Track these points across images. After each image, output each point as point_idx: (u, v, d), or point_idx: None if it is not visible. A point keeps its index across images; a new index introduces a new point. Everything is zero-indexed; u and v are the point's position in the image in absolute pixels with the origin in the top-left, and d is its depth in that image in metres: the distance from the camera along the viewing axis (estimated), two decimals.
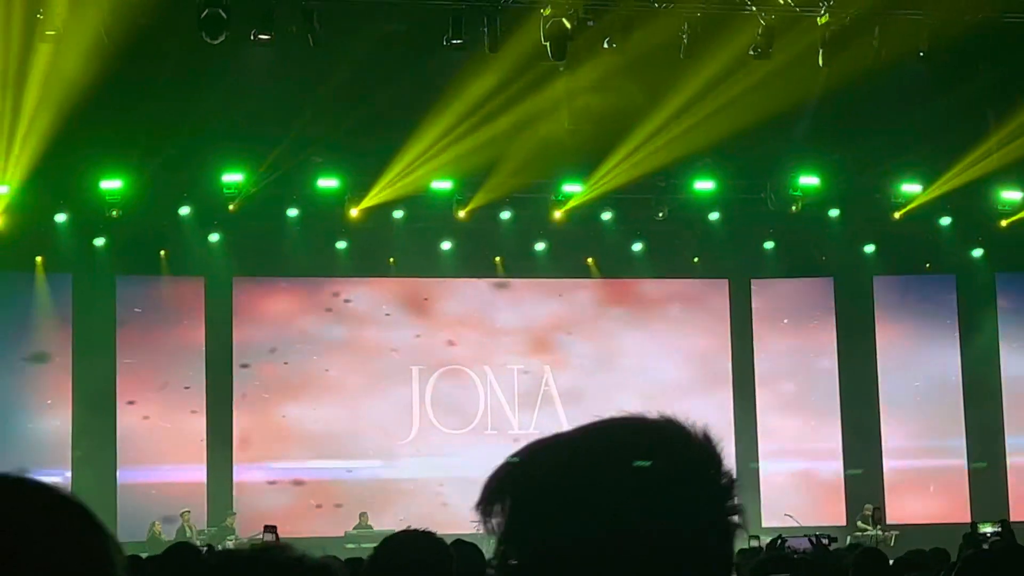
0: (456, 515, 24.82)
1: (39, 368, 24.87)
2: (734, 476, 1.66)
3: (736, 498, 1.63)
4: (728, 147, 23.80)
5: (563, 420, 26.74)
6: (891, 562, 8.51)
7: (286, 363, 26.06)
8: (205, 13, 17.86)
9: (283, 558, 2.27)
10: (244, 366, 25.93)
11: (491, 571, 1.62)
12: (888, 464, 27.13)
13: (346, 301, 26.63)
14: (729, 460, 1.70)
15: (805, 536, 7.92)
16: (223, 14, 17.86)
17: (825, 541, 9.03)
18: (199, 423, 25.49)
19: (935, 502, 26.75)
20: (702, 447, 1.67)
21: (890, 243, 26.83)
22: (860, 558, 8.02)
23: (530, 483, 1.61)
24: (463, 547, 5.07)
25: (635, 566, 1.54)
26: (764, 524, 25.64)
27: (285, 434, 25.88)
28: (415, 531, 3.91)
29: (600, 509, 1.56)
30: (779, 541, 8.35)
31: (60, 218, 24.25)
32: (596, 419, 1.68)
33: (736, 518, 1.63)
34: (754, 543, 11.73)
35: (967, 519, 26.02)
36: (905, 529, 24.16)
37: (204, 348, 25.76)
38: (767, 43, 19.79)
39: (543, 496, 1.59)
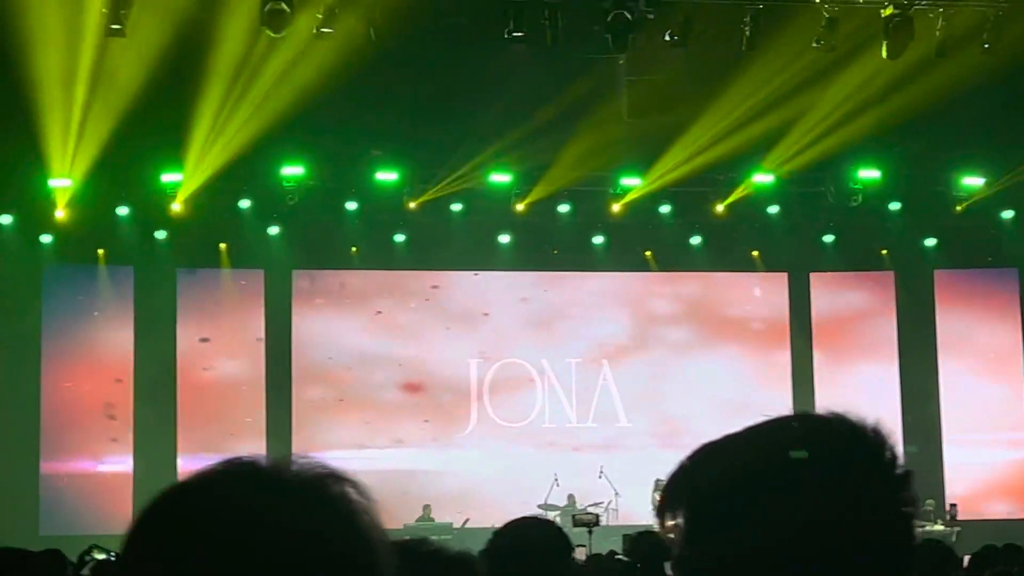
0: (513, 508, 24.88)
1: (103, 357, 25.07)
2: (908, 468, 1.66)
3: (911, 489, 1.63)
4: (787, 140, 23.72)
5: (621, 414, 26.74)
6: (964, 560, 8.35)
7: (343, 354, 26.14)
8: (268, 7, 17.92)
9: (421, 550, 2.28)
10: (302, 356, 26.03)
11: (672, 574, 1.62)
12: (949, 458, 26.92)
13: (405, 296, 26.67)
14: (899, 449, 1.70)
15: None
16: (287, 8, 17.91)
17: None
18: (259, 413, 25.62)
19: (998, 497, 26.50)
20: (875, 440, 1.66)
21: (951, 237, 26.63)
22: (928, 553, 7.79)
23: (708, 487, 1.60)
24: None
25: (821, 565, 1.53)
26: None
27: (344, 425, 25.96)
28: (533, 518, 3.90)
29: (782, 509, 1.55)
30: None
31: (122, 211, 24.43)
32: (762, 419, 1.67)
33: (912, 508, 1.62)
34: None
35: None
36: (967, 525, 23.96)
37: (264, 339, 25.89)
38: (830, 35, 19.64)
39: (723, 500, 1.58)
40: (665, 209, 25.74)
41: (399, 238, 26.01)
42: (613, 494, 24.11)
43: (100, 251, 25.06)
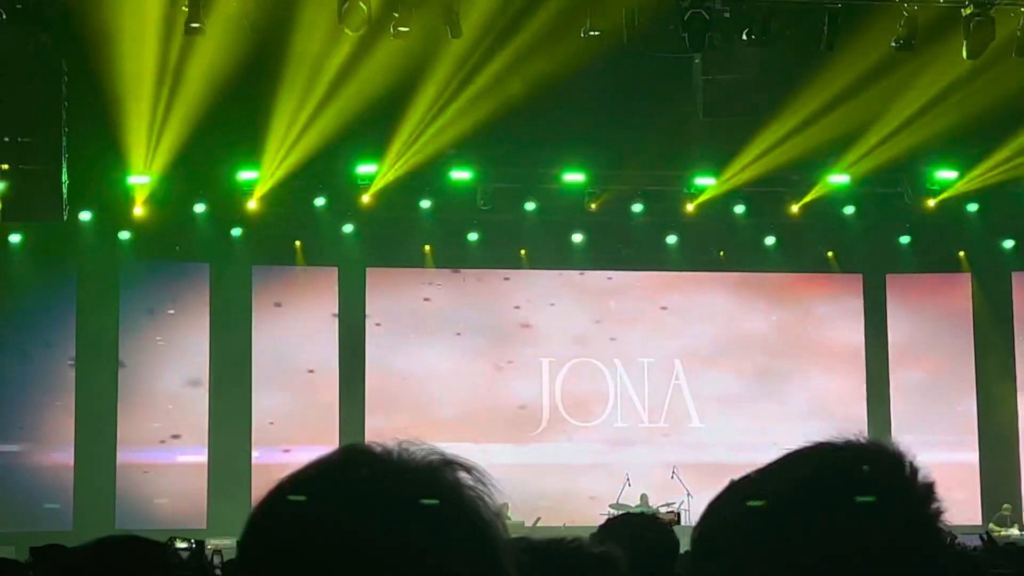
0: (584, 507, 24.88)
1: (181, 351, 25.33)
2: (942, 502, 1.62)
3: (944, 524, 1.59)
4: (864, 140, 23.57)
5: (694, 415, 26.66)
6: None
7: (419, 347, 26.24)
8: (346, 5, 18.04)
9: (563, 547, 2.29)
10: (374, 351, 26.15)
11: None
12: None
13: (478, 293, 26.72)
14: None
15: (975, 533, 7.65)
16: (364, 6, 18.01)
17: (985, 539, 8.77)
18: (332, 408, 25.78)
19: None
20: (913, 474, 1.63)
21: None
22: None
23: (741, 527, 1.58)
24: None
25: None
26: None
27: (416, 419, 26.04)
28: (639, 513, 3.89)
29: (823, 548, 1.53)
30: (950, 539, 8.09)
31: (199, 208, 24.65)
32: (799, 447, 1.64)
33: (940, 526, 1.59)
34: None
35: None
36: None
37: (337, 335, 26.05)
38: (909, 35, 19.47)
39: (756, 539, 1.56)
40: (739, 209, 25.64)
41: (472, 236, 26.06)
42: (686, 495, 24.03)
43: (177, 248, 25.29)
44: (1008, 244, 26.74)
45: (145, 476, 25.02)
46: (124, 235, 24.84)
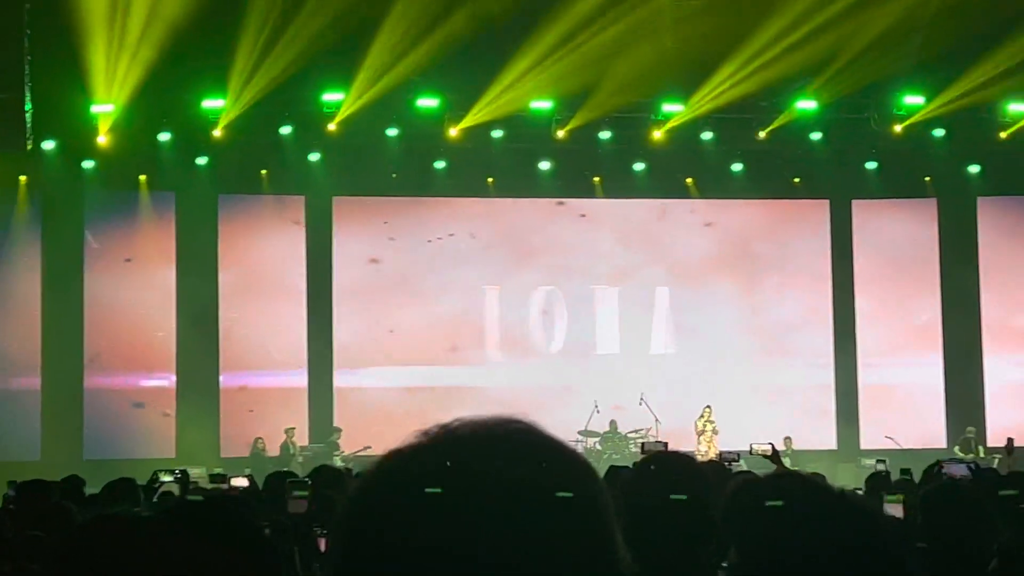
0: (557, 433, 24.96)
1: (145, 283, 25.22)
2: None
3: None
4: (832, 67, 23.53)
5: (659, 341, 26.74)
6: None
7: (384, 276, 26.22)
8: None
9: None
10: (343, 279, 26.12)
11: None
12: (990, 383, 26.88)
13: (449, 234, 26.65)
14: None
15: (962, 463, 7.70)
16: None
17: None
18: (300, 333, 25.77)
19: None
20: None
21: (995, 163, 26.44)
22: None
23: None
24: None
25: None
26: (863, 446, 25.64)
27: (384, 346, 26.06)
28: (675, 452, 3.90)
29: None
30: (936, 468, 8.15)
31: (163, 137, 24.44)
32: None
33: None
34: (880, 467, 11.59)
35: None
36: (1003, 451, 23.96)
37: (305, 264, 25.98)
38: None
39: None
40: (707, 136, 25.61)
41: (439, 165, 25.97)
42: (654, 421, 24.18)
43: (142, 177, 25.12)
44: (973, 169, 26.84)
45: (114, 404, 24.96)
46: (88, 164, 24.64)
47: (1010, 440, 19.94)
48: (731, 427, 23.73)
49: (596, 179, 26.65)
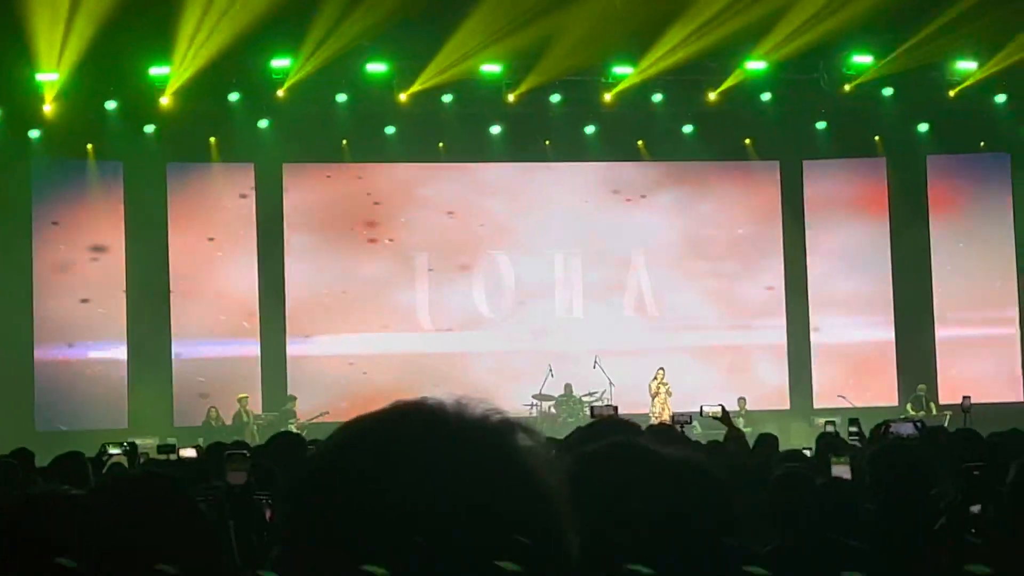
0: (508, 399, 25.03)
1: (94, 253, 25.02)
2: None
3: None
4: (780, 26, 23.54)
5: (615, 304, 26.78)
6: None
7: (337, 241, 26.11)
8: None
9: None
10: (291, 246, 26.00)
11: None
12: (941, 340, 27.07)
13: (394, 189, 26.57)
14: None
15: (908, 420, 7.72)
16: None
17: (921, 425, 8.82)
18: (252, 302, 25.66)
19: (990, 377, 26.59)
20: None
21: (944, 122, 26.56)
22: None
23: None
24: None
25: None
26: (816, 406, 25.78)
27: (337, 313, 25.98)
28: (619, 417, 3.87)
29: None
30: (884, 428, 8.20)
31: (110, 105, 24.21)
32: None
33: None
34: (830, 427, 11.64)
35: (1020, 397, 26.11)
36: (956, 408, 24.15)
37: (256, 231, 25.84)
38: None
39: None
40: (657, 98, 25.58)
41: (389, 130, 25.85)
42: (608, 384, 24.23)
43: (89, 146, 24.89)
44: (923, 128, 26.95)
45: (64, 374, 24.79)
46: (34, 133, 24.40)
47: (966, 398, 20.05)
48: (687, 389, 23.81)
49: (547, 142, 26.59)
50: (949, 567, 3.64)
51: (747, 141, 26.99)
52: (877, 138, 27.12)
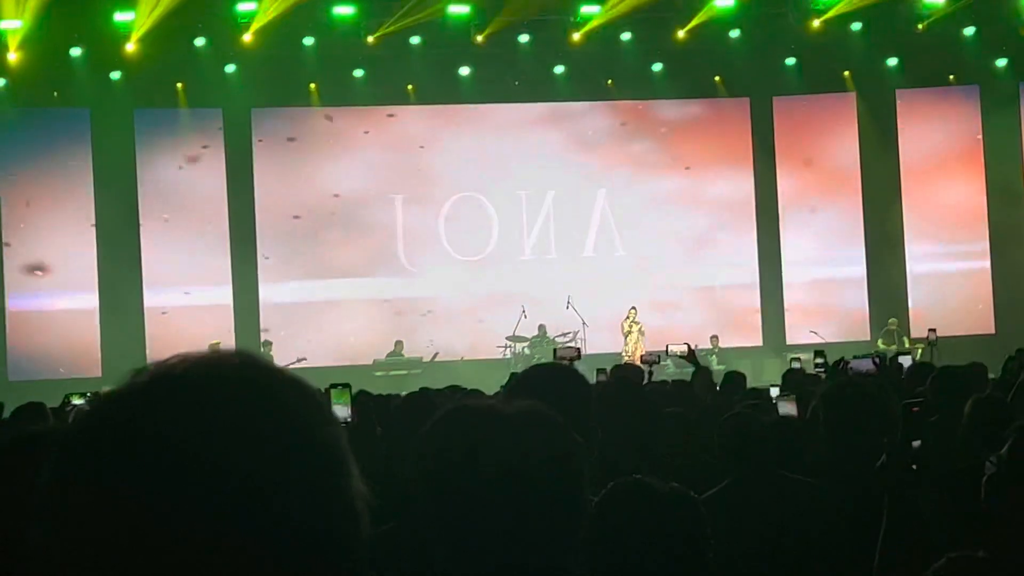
0: (482, 341, 25.08)
1: (63, 199, 24.91)
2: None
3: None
4: None
5: (586, 245, 26.80)
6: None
7: (306, 189, 26.04)
8: None
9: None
10: (261, 192, 25.92)
11: None
12: (911, 274, 27.19)
13: (365, 132, 26.47)
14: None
15: (867, 356, 7.76)
16: None
17: (879, 361, 8.87)
18: (224, 248, 25.59)
19: (958, 309, 26.73)
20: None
21: (913, 55, 26.54)
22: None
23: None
24: None
25: None
26: (789, 342, 25.89)
27: (308, 259, 25.95)
28: (549, 364, 3.87)
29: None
30: (842, 364, 8.24)
31: (75, 52, 24.02)
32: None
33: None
34: (795, 364, 11.72)
35: (991, 330, 26.26)
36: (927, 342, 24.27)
37: (225, 176, 25.74)
38: None
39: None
40: (626, 36, 25.49)
41: (358, 73, 25.71)
42: (581, 324, 24.28)
43: (55, 93, 24.72)
44: (892, 62, 26.93)
45: (36, 324, 24.73)
46: None
47: (931, 331, 20.20)
48: (661, 328, 23.89)
49: (516, 83, 26.49)
50: (891, 505, 3.68)
51: (716, 79, 26.95)
52: (847, 73, 27.11)
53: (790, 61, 26.80)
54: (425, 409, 4.88)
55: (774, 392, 8.44)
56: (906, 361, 9.80)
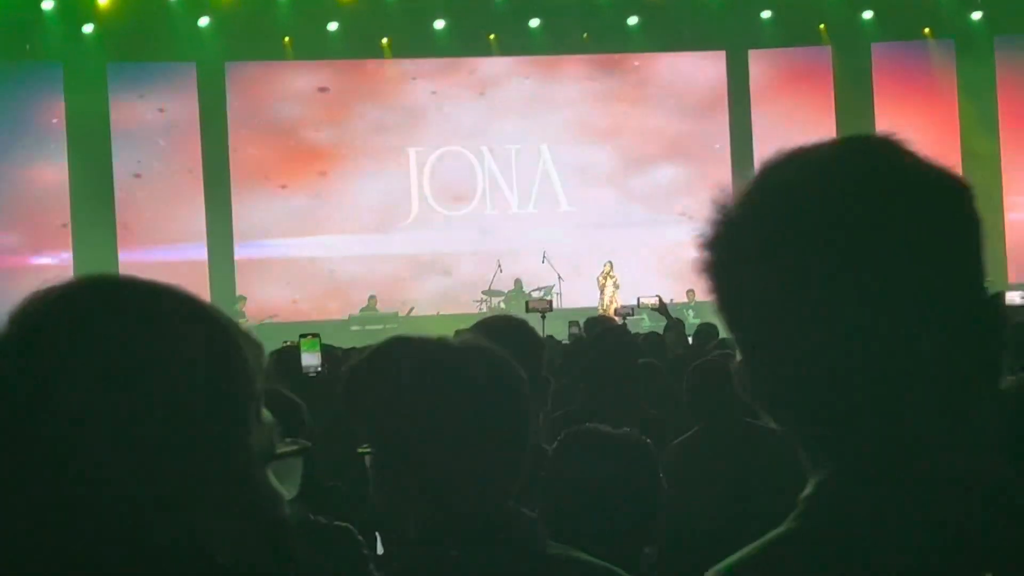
0: (457, 295, 25.09)
1: (38, 155, 24.77)
2: None
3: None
4: None
5: (561, 199, 26.80)
6: None
7: (282, 144, 25.96)
8: None
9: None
10: (239, 145, 25.82)
11: None
12: None
13: (324, 89, 26.37)
14: None
15: None
16: None
17: None
18: (198, 205, 25.51)
19: None
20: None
21: (889, 8, 26.49)
22: None
23: None
24: None
25: None
26: None
27: (284, 214, 25.89)
28: (503, 316, 3.85)
29: None
30: None
31: (47, 5, 23.83)
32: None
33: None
34: None
35: None
36: None
37: (199, 132, 25.63)
38: None
39: None
40: None
41: (332, 26, 25.57)
42: (557, 279, 24.30)
43: (27, 47, 24.52)
44: (867, 15, 26.89)
45: (9, 283, 24.62)
46: None
47: None
48: (635, 281, 23.93)
49: (492, 36, 26.39)
50: None
51: (692, 31, 26.87)
52: (822, 26, 27.06)
53: (766, 14, 26.73)
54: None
55: None
56: None
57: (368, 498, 2.15)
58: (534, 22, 26.19)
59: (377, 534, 4.85)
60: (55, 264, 24.72)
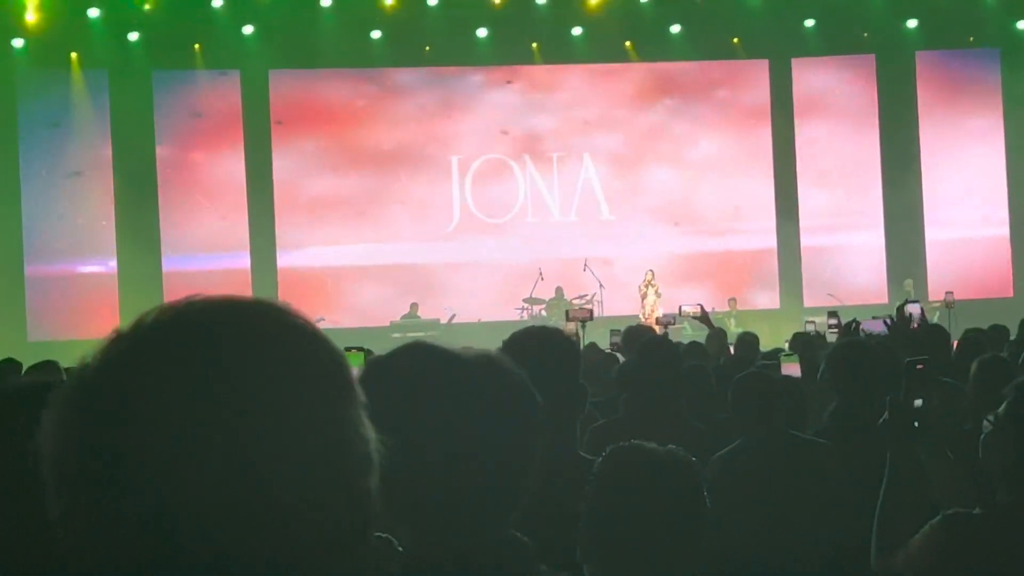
0: (499, 303, 25.09)
1: (82, 164, 24.96)
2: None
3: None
4: None
5: (603, 207, 26.78)
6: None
7: (323, 152, 26.05)
8: None
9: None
10: (281, 155, 25.93)
11: None
12: (930, 238, 27.11)
13: (365, 97, 26.44)
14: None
15: (878, 318, 7.71)
16: None
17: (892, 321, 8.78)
18: (241, 213, 25.63)
19: (977, 275, 26.67)
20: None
21: (933, 17, 26.36)
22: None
23: None
24: None
25: None
26: (807, 304, 25.85)
27: (326, 222, 25.97)
28: (540, 327, 3.83)
29: None
30: (854, 325, 8.23)
31: (93, 13, 24.02)
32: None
33: None
34: (809, 327, 11.72)
35: (1010, 293, 26.22)
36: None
37: (243, 140, 25.76)
38: None
39: None
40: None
41: (375, 35, 25.66)
42: (598, 287, 24.28)
43: (73, 55, 24.72)
44: (912, 24, 26.76)
45: (54, 285, 24.81)
46: (18, 43, 24.21)
47: (948, 294, 20.15)
48: (679, 290, 23.90)
49: (534, 45, 26.42)
50: (891, 463, 3.70)
51: (735, 40, 26.80)
52: (866, 35, 26.95)
53: (809, 22, 26.63)
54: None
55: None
56: (915, 309, 9.47)
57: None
58: (576, 31, 26.19)
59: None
60: (103, 271, 24.90)
